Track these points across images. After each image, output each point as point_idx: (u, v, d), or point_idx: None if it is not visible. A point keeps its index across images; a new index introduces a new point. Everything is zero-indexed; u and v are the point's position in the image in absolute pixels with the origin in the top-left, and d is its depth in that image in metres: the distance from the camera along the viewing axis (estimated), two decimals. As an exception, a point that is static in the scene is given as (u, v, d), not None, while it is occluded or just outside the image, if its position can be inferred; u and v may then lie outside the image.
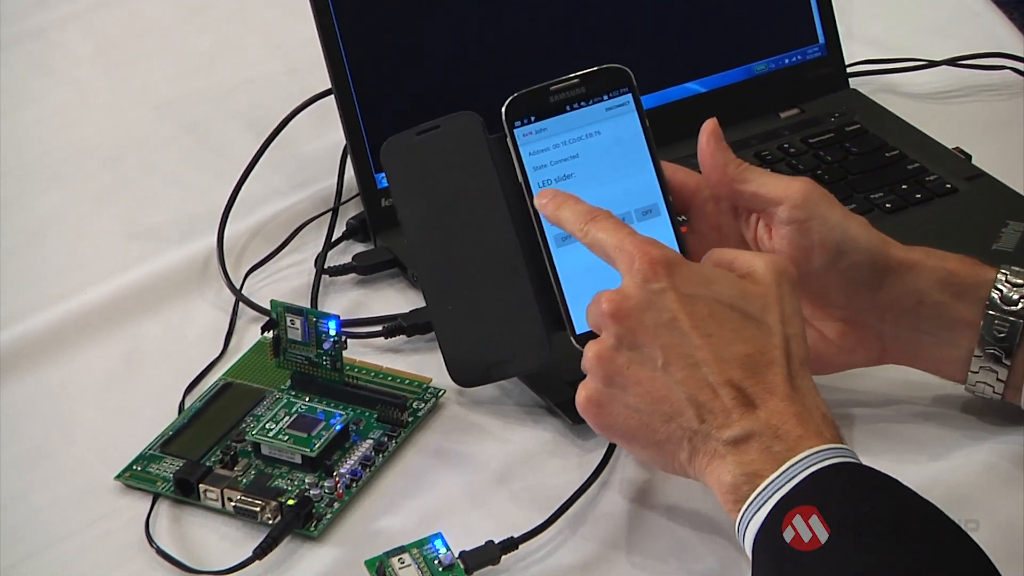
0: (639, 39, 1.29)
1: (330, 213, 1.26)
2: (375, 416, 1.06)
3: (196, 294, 1.21)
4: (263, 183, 1.30)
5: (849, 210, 1.01)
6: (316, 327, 1.06)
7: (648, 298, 0.92)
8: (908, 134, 1.31)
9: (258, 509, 0.99)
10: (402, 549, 0.96)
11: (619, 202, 1.02)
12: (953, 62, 1.41)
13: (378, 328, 1.14)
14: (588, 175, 1.02)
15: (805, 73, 1.34)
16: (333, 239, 1.24)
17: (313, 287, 1.20)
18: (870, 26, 1.47)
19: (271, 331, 1.08)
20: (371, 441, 1.05)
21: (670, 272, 0.93)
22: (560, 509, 0.99)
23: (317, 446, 1.02)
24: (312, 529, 0.99)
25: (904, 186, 1.25)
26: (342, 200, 1.27)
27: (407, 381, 1.09)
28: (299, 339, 1.07)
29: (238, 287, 1.20)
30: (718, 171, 1.01)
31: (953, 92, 1.40)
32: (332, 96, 1.21)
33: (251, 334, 1.15)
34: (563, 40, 1.26)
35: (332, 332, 1.06)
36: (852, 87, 1.36)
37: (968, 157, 1.28)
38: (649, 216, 1.02)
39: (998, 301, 1.00)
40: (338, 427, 1.03)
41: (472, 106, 1.06)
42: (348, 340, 1.08)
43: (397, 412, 1.06)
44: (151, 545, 0.98)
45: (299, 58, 1.40)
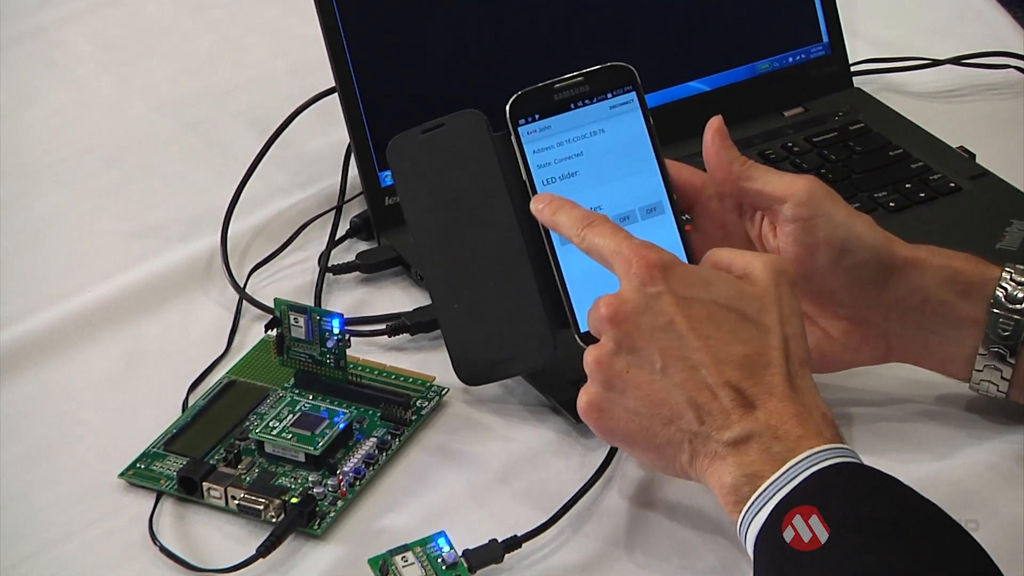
0: (643, 38, 1.29)
1: (334, 211, 1.26)
2: (379, 414, 1.06)
3: (200, 292, 1.21)
4: (266, 181, 1.30)
5: (854, 208, 1.01)
6: (320, 325, 1.06)
7: (645, 302, 0.92)
8: (912, 133, 1.31)
9: (261, 507, 0.99)
10: (405, 547, 0.96)
11: (623, 200, 1.02)
12: (957, 61, 1.40)
13: (382, 326, 1.14)
14: (592, 173, 1.02)
15: (809, 72, 1.34)
16: (337, 237, 1.24)
17: (317, 285, 1.20)
18: (874, 25, 1.47)
19: (275, 329, 1.08)
20: (374, 439, 1.05)
21: (666, 275, 0.93)
22: (563, 508, 0.99)
23: (321, 444, 1.02)
24: (315, 527, 0.99)
25: (908, 185, 1.24)
26: (346, 198, 1.27)
27: (411, 379, 1.09)
28: (303, 337, 1.07)
29: (242, 285, 1.20)
30: (723, 169, 1.01)
31: (957, 91, 1.40)
32: (335, 94, 1.21)
33: (255, 332, 1.15)
34: (567, 38, 1.26)
35: (336, 330, 1.06)
36: (856, 86, 1.36)
37: (972, 156, 1.28)
38: (653, 214, 1.02)
39: (1002, 299, 1.00)
40: (342, 425, 1.03)
41: (476, 104, 1.06)
42: (352, 338, 1.08)
43: (401, 410, 1.06)
44: (155, 543, 0.98)
45: (302, 57, 1.40)
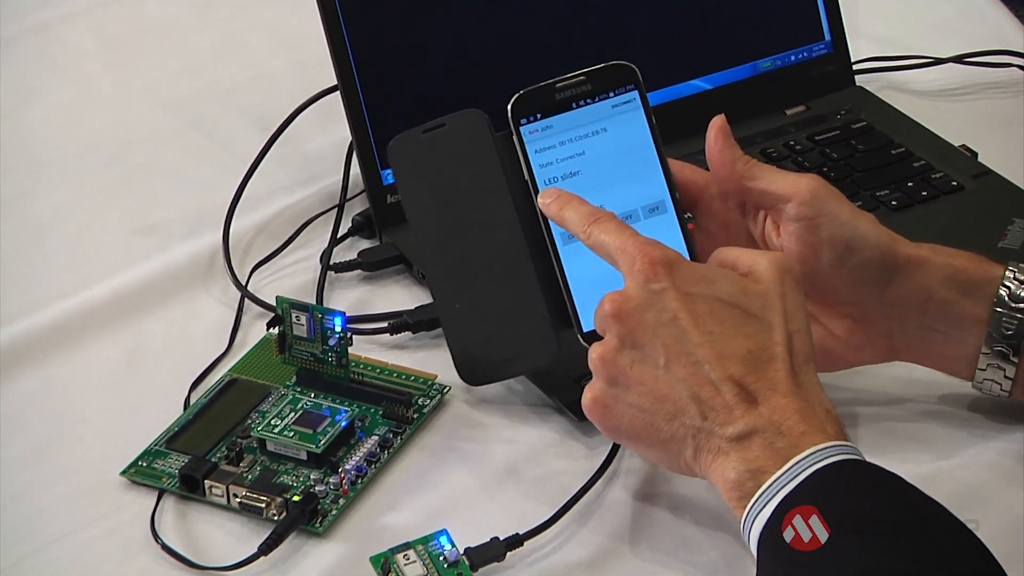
0: (645, 36, 1.29)
1: (336, 209, 1.26)
2: (380, 412, 1.06)
3: (201, 290, 1.21)
4: (269, 179, 1.30)
5: (857, 207, 1.01)
6: (322, 323, 1.06)
7: (649, 298, 0.93)
8: (914, 131, 1.31)
9: (263, 505, 0.99)
10: (407, 546, 0.96)
11: (625, 199, 1.02)
12: (959, 59, 1.40)
13: (384, 324, 1.14)
14: (594, 172, 1.02)
15: (811, 70, 1.34)
16: (339, 235, 1.24)
17: (319, 283, 1.20)
18: (876, 23, 1.47)
19: (277, 327, 1.08)
20: (376, 437, 1.05)
21: (670, 272, 0.93)
22: (565, 506, 0.99)
23: (322, 442, 1.02)
24: (317, 525, 0.99)
25: (910, 184, 1.24)
26: (348, 196, 1.27)
27: (412, 378, 1.09)
28: (305, 335, 1.07)
29: (244, 283, 1.20)
30: (726, 168, 1.01)
31: (959, 89, 1.40)
32: (338, 93, 1.21)
33: (257, 330, 1.15)
34: (569, 37, 1.26)
35: (338, 328, 1.06)
36: (858, 84, 1.36)
37: (974, 155, 1.28)
38: (656, 213, 1.02)
39: (1006, 298, 1.00)
40: (343, 423, 1.03)
41: (477, 103, 1.06)
42: (353, 336, 1.08)
43: (402, 409, 1.06)
44: (156, 541, 0.99)
45: (304, 54, 1.40)
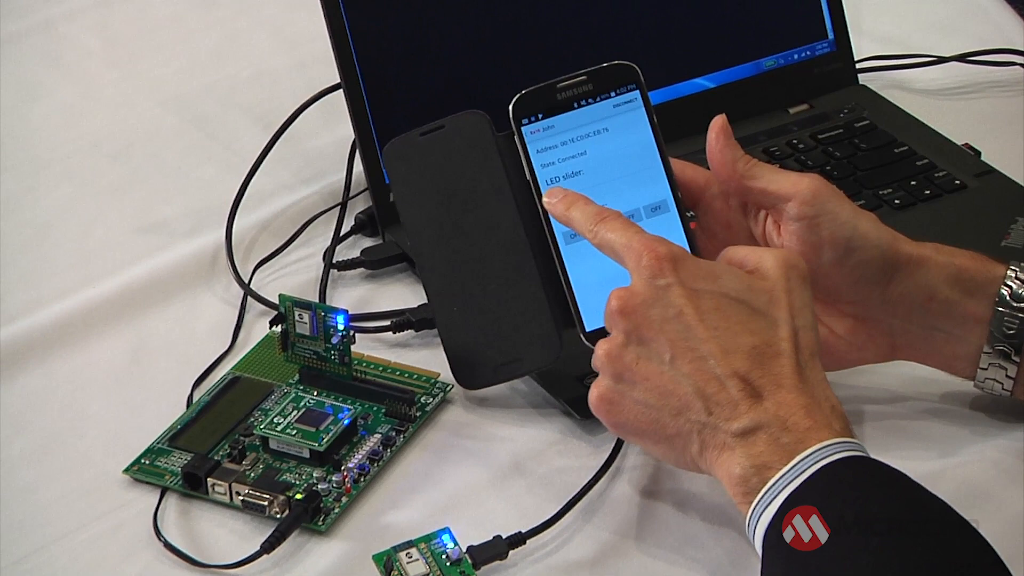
0: (648, 35, 1.29)
1: (338, 208, 1.26)
2: (383, 411, 1.06)
3: (204, 288, 1.21)
4: (272, 177, 1.30)
5: (858, 206, 1.01)
6: (324, 321, 1.06)
7: (654, 294, 0.93)
8: (917, 130, 1.30)
9: (266, 503, 0.99)
10: (410, 544, 0.96)
11: (628, 199, 1.02)
12: (962, 58, 1.40)
13: (386, 323, 1.14)
14: (596, 172, 1.02)
15: (814, 69, 1.34)
16: (341, 234, 1.24)
17: (321, 281, 1.20)
18: (879, 22, 1.47)
19: (279, 325, 1.08)
20: (379, 436, 1.05)
21: (676, 268, 0.93)
22: (568, 504, 0.99)
23: (325, 440, 1.02)
24: (320, 523, 0.99)
25: (913, 182, 1.24)
26: (350, 195, 1.27)
27: (415, 376, 1.09)
28: (307, 333, 1.07)
29: (246, 281, 1.20)
30: (727, 167, 1.01)
31: (962, 88, 1.40)
32: (341, 91, 1.21)
33: (259, 328, 1.16)
34: (571, 36, 1.26)
35: (340, 327, 1.06)
36: (861, 83, 1.36)
37: (977, 153, 1.28)
38: (658, 213, 1.02)
39: (1007, 298, 1.00)
40: (346, 421, 1.03)
41: (479, 101, 1.06)
42: (356, 335, 1.08)
43: (405, 407, 1.06)
44: (159, 539, 0.99)
45: (308, 52, 1.40)
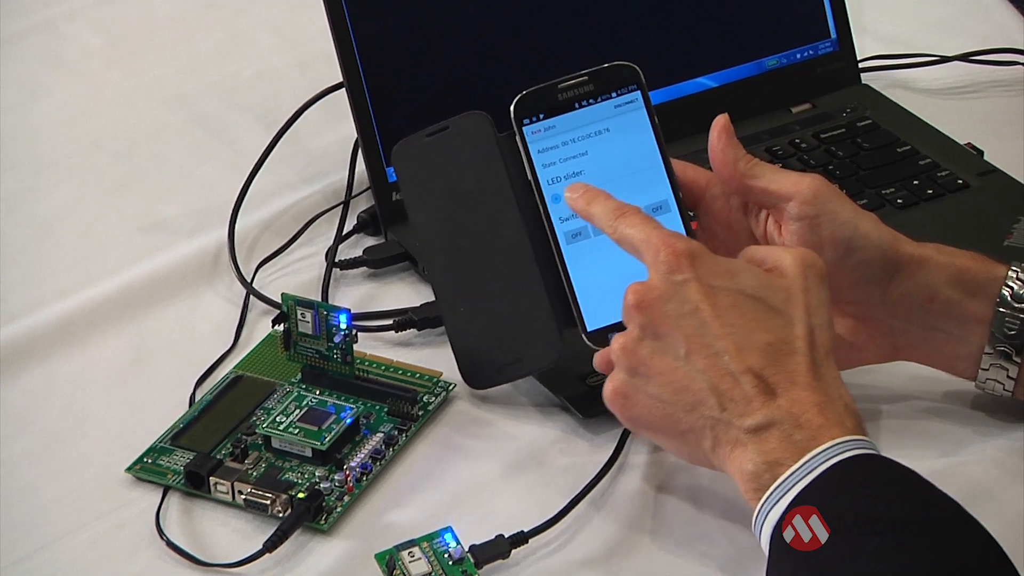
0: (650, 34, 1.29)
1: (341, 207, 1.26)
2: (385, 410, 1.06)
3: (207, 287, 1.21)
4: (274, 176, 1.30)
5: (859, 206, 1.01)
6: (327, 320, 1.07)
7: (671, 289, 0.93)
8: (920, 130, 1.30)
9: (268, 502, 0.99)
10: (412, 543, 0.96)
11: (629, 199, 1.01)
12: (965, 58, 1.40)
13: (389, 322, 1.14)
14: (597, 172, 1.02)
15: (817, 68, 1.34)
16: (344, 233, 1.24)
17: (324, 280, 1.20)
18: (882, 21, 1.46)
19: (282, 324, 1.08)
20: (381, 435, 1.05)
21: (694, 263, 0.93)
22: (570, 503, 0.99)
23: (327, 439, 1.02)
24: (322, 522, 0.99)
25: (916, 182, 1.24)
26: (353, 194, 1.27)
27: (417, 375, 1.09)
28: (310, 332, 1.07)
29: (249, 280, 1.20)
30: (728, 167, 1.01)
31: (965, 88, 1.40)
32: (343, 90, 1.21)
33: (262, 327, 1.16)
34: (573, 36, 1.26)
35: (343, 326, 1.06)
36: (864, 82, 1.36)
37: (980, 153, 1.28)
38: (659, 213, 1.02)
39: (1009, 298, 1.00)
40: (348, 420, 1.03)
41: (481, 100, 1.06)
42: (359, 334, 1.08)
43: (407, 406, 1.06)
44: (161, 538, 0.99)
45: (310, 51, 1.40)
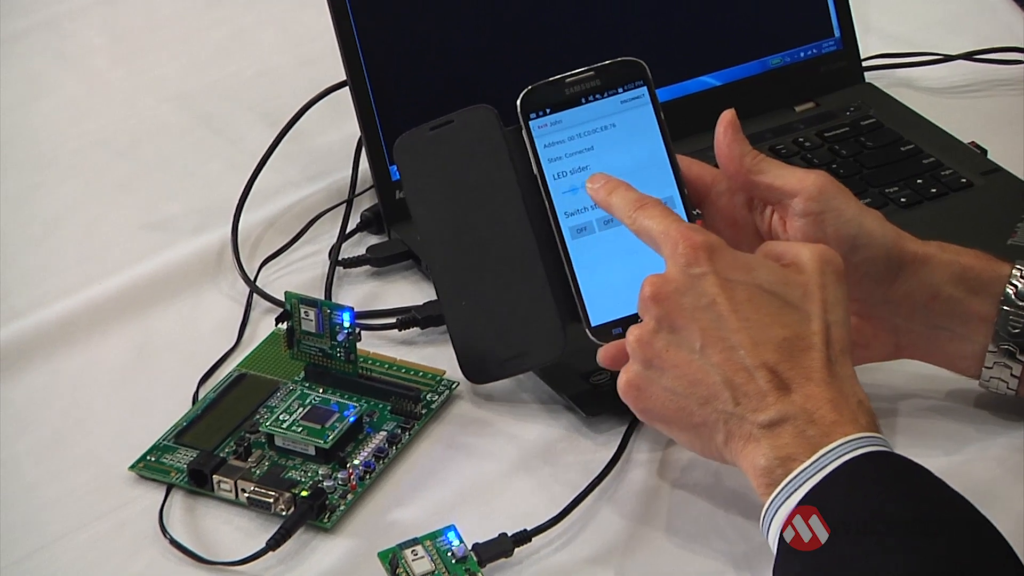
0: (653, 33, 1.29)
1: (344, 205, 1.26)
2: (389, 408, 1.06)
3: (210, 285, 1.21)
4: (277, 175, 1.30)
5: (864, 204, 1.01)
6: (330, 319, 1.06)
7: (688, 282, 0.93)
8: (923, 128, 1.30)
9: (271, 500, 0.99)
10: (415, 541, 0.96)
11: (634, 195, 1.02)
12: (969, 56, 1.40)
13: (392, 320, 1.14)
14: (603, 167, 1.02)
15: (820, 67, 1.34)
16: (347, 231, 1.24)
17: (327, 279, 1.20)
18: (886, 20, 1.46)
19: (285, 323, 1.08)
20: (385, 433, 1.05)
21: (711, 257, 0.93)
22: (573, 502, 0.99)
23: (331, 438, 1.02)
24: (325, 521, 0.99)
25: (919, 181, 1.24)
26: (356, 192, 1.27)
27: (421, 373, 1.09)
28: (313, 331, 1.07)
29: (252, 278, 1.20)
30: (734, 162, 1.01)
31: (969, 86, 1.40)
32: (347, 88, 1.21)
33: (265, 325, 1.16)
34: (578, 33, 1.26)
35: (346, 324, 1.06)
36: (867, 81, 1.36)
37: (984, 152, 1.28)
38: (663, 209, 1.02)
39: (1013, 297, 1.00)
40: (352, 419, 1.03)
41: (486, 98, 1.06)
42: (362, 332, 1.08)
43: (411, 404, 1.06)
44: (164, 536, 0.99)
45: (313, 50, 1.40)
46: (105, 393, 1.11)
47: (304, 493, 0.99)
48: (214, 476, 1.01)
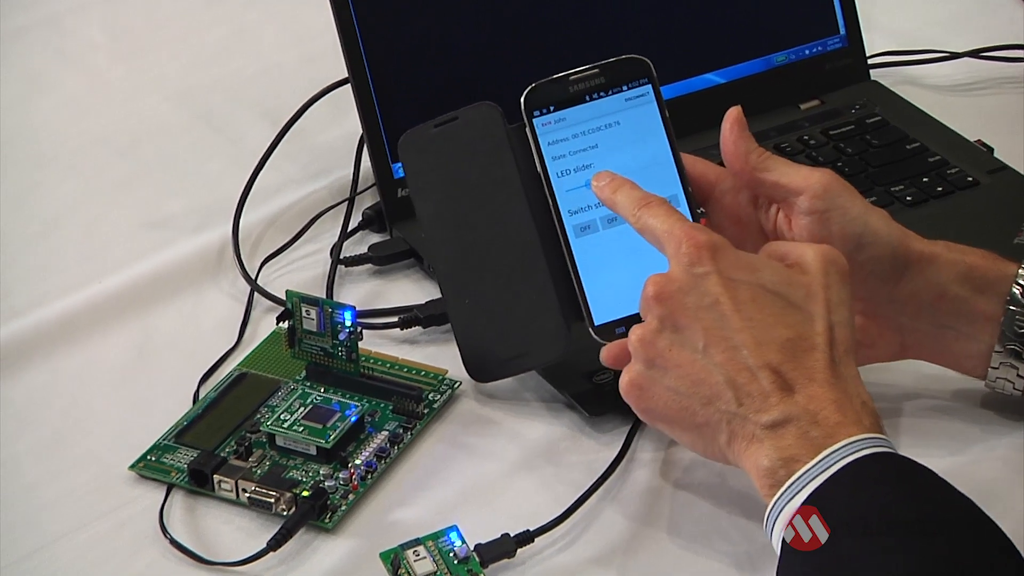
0: (658, 29, 1.28)
1: (346, 203, 1.26)
2: (390, 408, 1.06)
3: (211, 284, 1.21)
4: (279, 173, 1.30)
5: (870, 202, 1.00)
6: (331, 318, 1.06)
7: (692, 281, 0.92)
8: (929, 126, 1.30)
9: (272, 500, 0.99)
10: (417, 541, 0.96)
11: (638, 193, 1.01)
12: (975, 54, 1.40)
13: (394, 319, 1.14)
14: (607, 165, 1.02)
15: (825, 64, 1.34)
16: (349, 229, 1.24)
17: (329, 277, 1.19)
18: (891, 17, 1.46)
19: (286, 321, 1.07)
20: (386, 433, 1.04)
21: (715, 257, 0.93)
22: (576, 503, 0.99)
23: (332, 437, 1.02)
24: (327, 521, 0.99)
25: (925, 179, 1.24)
26: (358, 190, 1.27)
27: (423, 372, 1.09)
28: (314, 330, 1.07)
29: (253, 277, 1.20)
30: (740, 159, 1.00)
31: (975, 84, 1.39)
32: (348, 85, 1.21)
33: (266, 324, 1.15)
34: (580, 32, 1.26)
35: (348, 323, 1.06)
36: (873, 79, 1.36)
37: (990, 150, 1.27)
38: (668, 207, 1.02)
39: (1019, 296, 0.99)
40: (353, 418, 1.03)
41: (488, 95, 1.05)
42: (364, 331, 1.08)
43: (413, 404, 1.06)
44: (165, 536, 0.98)
45: (315, 47, 1.39)
46: (105, 392, 1.11)
47: (305, 493, 0.99)
48: (215, 476, 1.00)
